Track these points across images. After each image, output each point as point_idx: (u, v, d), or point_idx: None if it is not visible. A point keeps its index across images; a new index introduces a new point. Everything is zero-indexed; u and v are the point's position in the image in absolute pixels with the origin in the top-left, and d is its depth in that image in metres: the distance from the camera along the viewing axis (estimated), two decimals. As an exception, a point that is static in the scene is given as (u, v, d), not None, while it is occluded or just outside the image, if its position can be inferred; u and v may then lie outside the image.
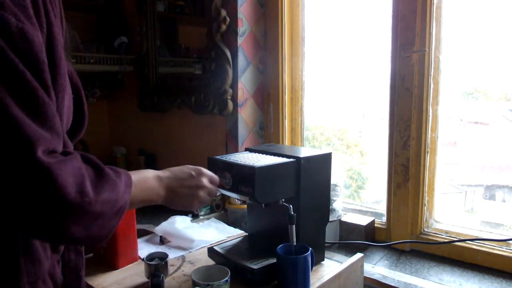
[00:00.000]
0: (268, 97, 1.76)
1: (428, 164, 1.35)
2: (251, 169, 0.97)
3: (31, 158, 0.56)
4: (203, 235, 1.37)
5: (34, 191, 0.57)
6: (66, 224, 0.61)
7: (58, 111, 0.65)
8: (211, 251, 1.19)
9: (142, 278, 1.11)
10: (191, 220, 1.51)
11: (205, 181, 0.92)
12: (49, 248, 0.72)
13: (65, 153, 0.63)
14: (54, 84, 0.64)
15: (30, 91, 0.57)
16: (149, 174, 0.83)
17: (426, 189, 1.36)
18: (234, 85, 1.68)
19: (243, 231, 1.47)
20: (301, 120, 1.72)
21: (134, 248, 1.22)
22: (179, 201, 0.88)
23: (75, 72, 0.78)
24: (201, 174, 0.92)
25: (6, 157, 0.56)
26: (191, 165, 0.94)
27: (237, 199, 1.52)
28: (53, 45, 0.64)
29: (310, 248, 1.02)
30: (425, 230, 1.37)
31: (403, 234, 1.39)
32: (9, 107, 0.55)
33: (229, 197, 1.57)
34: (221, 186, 1.06)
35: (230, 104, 1.68)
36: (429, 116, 1.33)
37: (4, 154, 0.56)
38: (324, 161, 1.16)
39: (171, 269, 1.15)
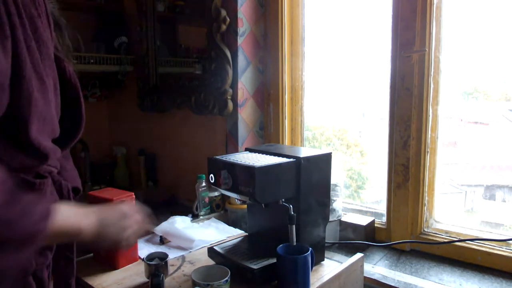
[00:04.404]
0: (268, 97, 1.76)
1: (428, 164, 1.35)
2: (251, 169, 0.98)
3: None
4: (203, 235, 1.37)
5: None
6: None
7: (23, 116, 0.62)
8: (211, 251, 1.19)
9: (142, 278, 1.11)
10: (191, 220, 1.51)
11: (138, 214, 0.85)
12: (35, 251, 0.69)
13: None
14: (18, 89, 0.61)
15: None
16: (71, 207, 0.72)
17: (426, 189, 1.36)
18: (234, 85, 1.68)
19: (243, 231, 1.47)
20: (301, 120, 1.72)
21: (134, 248, 1.22)
22: (110, 229, 0.77)
23: (74, 74, 0.76)
24: (133, 207, 0.85)
25: None
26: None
27: (237, 199, 1.52)
28: (17, 47, 0.61)
29: (310, 248, 1.02)
30: (425, 230, 1.37)
31: (403, 234, 1.39)
32: None
33: (229, 197, 1.57)
34: (220, 186, 1.07)
35: (230, 104, 1.68)
36: (429, 116, 1.33)
37: None
38: (324, 161, 1.16)
39: (171, 269, 1.15)
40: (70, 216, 0.69)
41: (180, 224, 1.42)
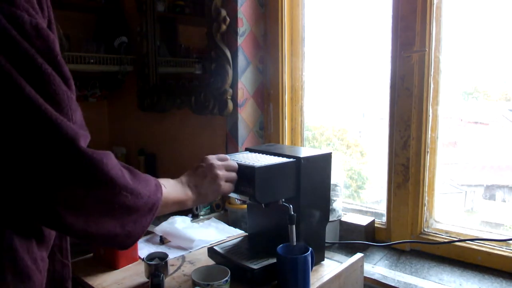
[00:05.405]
0: (268, 97, 1.76)
1: (428, 164, 1.35)
2: (251, 169, 0.97)
3: (77, 151, 0.57)
4: (203, 235, 1.37)
5: (87, 183, 0.59)
6: (104, 219, 0.63)
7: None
8: (211, 251, 1.19)
9: (142, 278, 1.11)
10: (191, 220, 1.51)
11: (214, 161, 0.95)
12: (40, 260, 0.68)
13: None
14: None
15: (54, 86, 0.57)
16: (170, 180, 0.86)
17: (426, 189, 1.36)
18: (234, 85, 1.68)
19: (243, 231, 1.47)
20: (301, 120, 1.71)
21: (134, 248, 1.22)
22: (207, 190, 0.91)
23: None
24: (205, 158, 0.96)
25: (50, 154, 0.56)
26: (192, 164, 0.95)
27: (237, 199, 1.52)
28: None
29: (310, 248, 1.02)
30: (425, 230, 1.37)
31: (403, 234, 1.38)
32: (41, 106, 0.54)
33: (229, 197, 1.57)
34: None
35: (230, 104, 1.68)
36: (429, 116, 1.33)
37: (47, 151, 0.56)
38: (324, 161, 1.16)
39: (171, 269, 1.15)
40: (172, 188, 0.84)
41: (180, 224, 1.42)
